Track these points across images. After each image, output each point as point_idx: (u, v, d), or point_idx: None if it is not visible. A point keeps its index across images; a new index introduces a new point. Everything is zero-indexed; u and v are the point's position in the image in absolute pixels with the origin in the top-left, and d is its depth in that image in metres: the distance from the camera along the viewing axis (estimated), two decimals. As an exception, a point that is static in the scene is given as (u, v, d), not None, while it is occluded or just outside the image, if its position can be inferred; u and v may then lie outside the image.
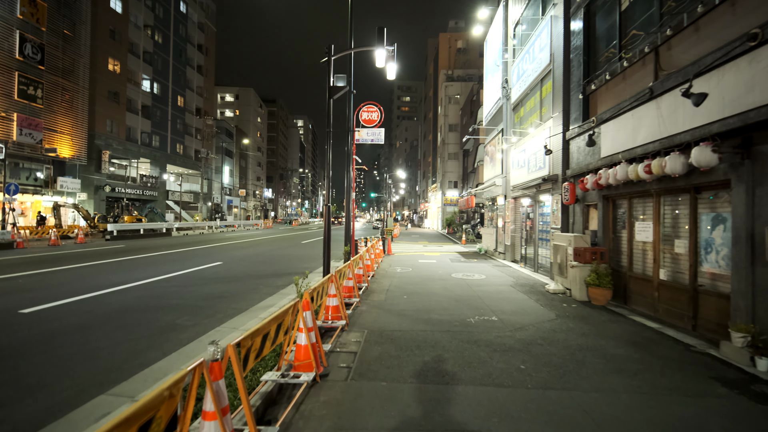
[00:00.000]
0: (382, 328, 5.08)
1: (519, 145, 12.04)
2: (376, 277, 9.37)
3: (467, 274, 9.85)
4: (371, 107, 10.22)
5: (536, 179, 9.99)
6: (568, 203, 7.85)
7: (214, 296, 7.25)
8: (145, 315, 5.90)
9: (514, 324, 5.27)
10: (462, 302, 6.63)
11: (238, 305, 6.58)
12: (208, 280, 8.83)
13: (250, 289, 7.99)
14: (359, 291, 7.44)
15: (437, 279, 9.12)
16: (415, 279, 9.13)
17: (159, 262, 11.62)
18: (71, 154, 28.16)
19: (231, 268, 10.74)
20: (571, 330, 5.00)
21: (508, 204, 13.25)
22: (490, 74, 16.15)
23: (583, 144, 7.64)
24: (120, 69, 33.61)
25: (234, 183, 58.22)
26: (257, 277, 9.49)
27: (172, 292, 7.57)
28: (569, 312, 5.93)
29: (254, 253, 15.05)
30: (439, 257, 14.11)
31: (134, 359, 4.14)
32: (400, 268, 10.99)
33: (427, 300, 6.81)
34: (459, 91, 39.13)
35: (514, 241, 12.83)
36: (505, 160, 13.61)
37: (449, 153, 39.71)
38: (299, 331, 3.51)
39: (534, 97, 10.89)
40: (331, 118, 7.79)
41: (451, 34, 44.23)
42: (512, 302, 6.65)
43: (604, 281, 6.23)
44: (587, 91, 7.72)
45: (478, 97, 26.03)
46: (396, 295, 7.29)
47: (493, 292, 7.57)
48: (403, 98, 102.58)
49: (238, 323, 5.43)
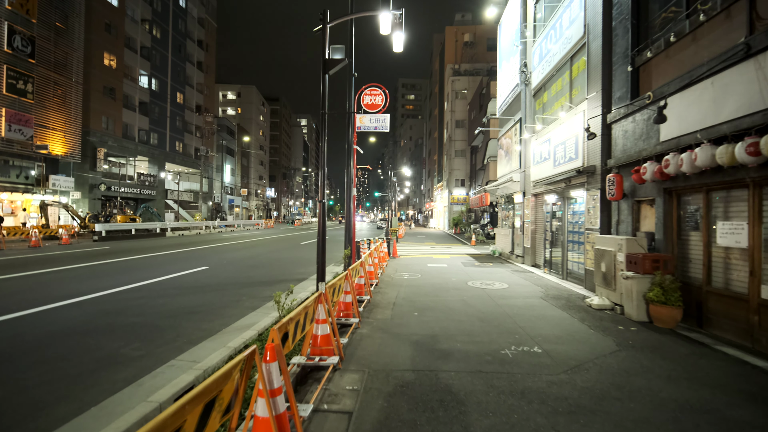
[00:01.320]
0: (388, 366, 3.76)
1: (541, 135, 10.66)
2: (381, 286, 8.05)
3: (486, 282, 8.49)
4: (375, 90, 8.90)
5: (566, 172, 8.61)
6: (613, 199, 6.47)
7: (185, 311, 5.97)
8: (86, 340, 4.63)
9: (566, 359, 3.92)
10: (488, 322, 5.28)
11: (210, 325, 5.29)
12: (184, 290, 7.56)
13: (230, 301, 6.70)
14: (360, 305, 6.13)
15: (452, 289, 7.78)
16: (426, 288, 7.80)
17: (138, 267, 10.39)
18: (64, 152, 27.13)
19: (216, 274, 9.47)
20: (648, 370, 3.65)
21: (527, 202, 11.87)
22: (504, 60, 14.76)
23: (634, 126, 6.27)
24: (116, 64, 32.59)
25: (236, 182, 57.19)
26: (244, 285, 8.20)
27: (136, 305, 6.31)
28: (632, 339, 4.57)
29: (247, 255, 13.80)
30: (450, 261, 12.76)
31: (22, 425, 2.86)
32: (408, 275, 9.67)
33: (444, 318, 5.47)
34: (466, 86, 37.68)
35: (535, 243, 11.45)
36: (523, 153, 12.23)
37: (456, 150, 38.27)
38: (258, 394, 2.20)
39: (561, 78, 9.51)
40: (326, 98, 6.48)
41: (458, 28, 42.73)
42: (552, 323, 5.29)
43: (672, 297, 4.86)
44: (637, 62, 6.34)
45: (488, 90, 24.64)
46: (404, 311, 5.96)
47: (522, 307, 6.21)
48: (407, 96, 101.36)
49: (200, 354, 4.14)
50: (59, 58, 26.84)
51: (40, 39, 25.08)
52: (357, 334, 4.74)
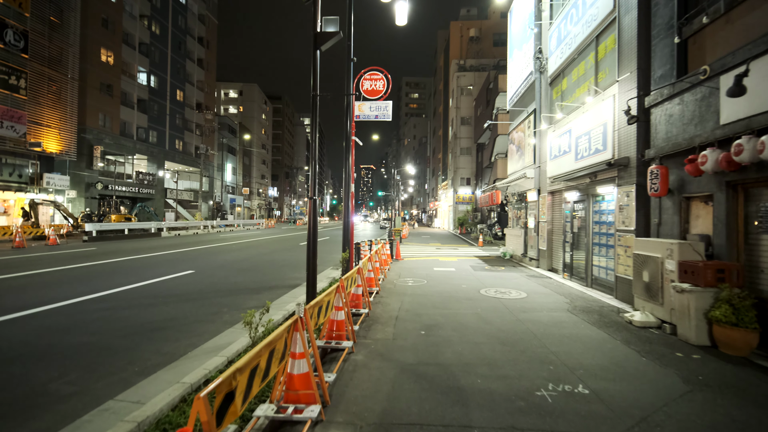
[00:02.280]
0: (389, 417, 2.81)
1: (560, 126, 9.65)
2: (382, 295, 7.10)
3: (500, 290, 7.51)
4: (375, 74, 7.95)
5: (591, 166, 7.61)
6: (656, 195, 5.47)
7: (150, 328, 5.06)
8: (12, 368, 3.73)
9: (626, 406, 2.95)
10: (511, 345, 4.32)
11: (174, 346, 4.38)
12: (160, 299, 6.66)
13: (208, 314, 5.78)
14: (357, 321, 5.18)
15: (463, 298, 6.81)
16: (434, 298, 6.84)
17: (118, 271, 9.52)
18: (59, 149, 26.43)
19: (200, 279, 8.57)
20: (747, 427, 2.67)
21: (542, 200, 10.86)
22: (516, 48, 13.74)
23: (682, 109, 5.27)
24: (113, 60, 31.90)
25: (237, 181, 56.49)
26: (228, 293, 7.29)
27: (95, 319, 5.41)
28: (700, 372, 3.58)
29: (240, 257, 12.90)
30: (458, 264, 11.78)
31: None
32: (412, 280, 8.71)
33: (457, 340, 4.51)
34: (472, 82, 36.60)
35: (552, 245, 10.44)
36: (538, 147, 11.22)
37: (461, 148, 37.21)
38: None
39: (584, 61, 8.50)
40: (318, 77, 5.56)
41: (463, 23, 41.60)
42: (590, 346, 4.32)
43: (746, 318, 3.87)
44: (686, 32, 5.34)
45: (495, 84, 23.61)
46: (409, 328, 5.01)
47: (549, 323, 5.23)
48: (411, 95, 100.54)
49: (148, 391, 3.22)
50: (54, 53, 26.14)
51: (33, 33, 24.38)
52: (350, 363, 3.80)
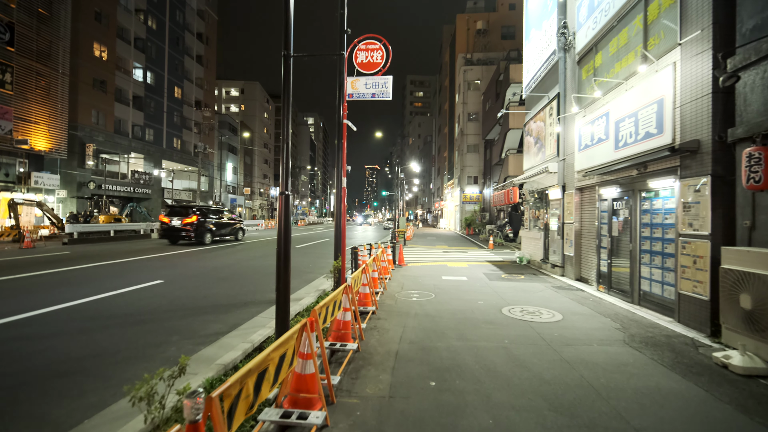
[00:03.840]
0: None
1: (593, 109, 8.15)
2: (379, 315, 5.66)
3: (527, 310, 6.04)
4: (372, 43, 6.53)
5: (639, 154, 6.13)
6: (756, 187, 3.95)
7: (57, 371, 3.67)
8: None
9: None
10: (567, 413, 2.85)
11: (64, 410, 2.97)
12: (100, 321, 5.29)
13: (148, 346, 4.39)
14: (342, 362, 3.75)
15: (482, 322, 5.35)
16: (445, 321, 5.38)
17: (75, 281, 8.19)
18: (48, 147, 25.32)
19: (165, 292, 7.19)
20: None
21: (569, 198, 9.36)
22: (533, 27, 12.23)
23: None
24: (107, 55, 30.80)
25: (238, 181, 55.38)
26: (190, 311, 5.89)
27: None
28: None
29: (224, 263, 11.53)
30: (469, 271, 10.32)
31: None
32: (417, 294, 7.26)
33: (484, 400, 3.05)
34: (479, 76, 35.03)
35: (581, 250, 8.94)
36: (563, 137, 9.72)
37: (469, 145, 35.65)
38: None
39: (627, 28, 6.99)
40: (291, 30, 4.14)
41: (470, 15, 40.00)
42: (687, 415, 2.84)
43: None
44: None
45: (506, 75, 22.07)
46: (413, 374, 3.56)
47: (608, 366, 3.75)
48: (415, 93, 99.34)
49: None
50: (42, 47, 25.04)
51: (20, 26, 23.29)
52: (318, 452, 2.36)
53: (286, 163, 4.28)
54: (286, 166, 4.28)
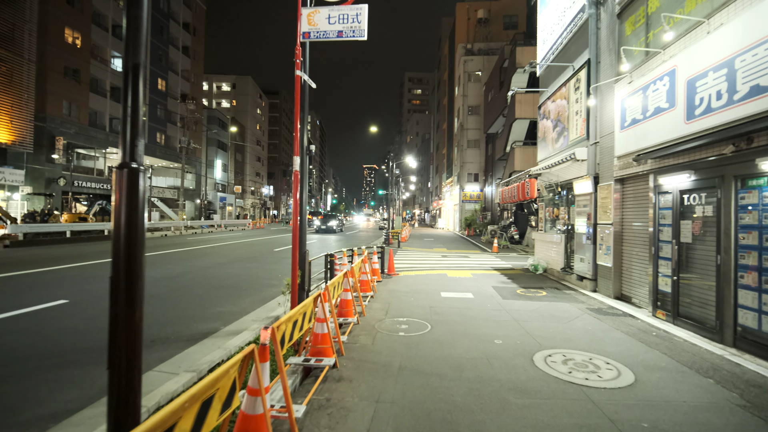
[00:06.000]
0: None
1: (646, 72, 6.05)
2: (342, 372, 3.53)
3: (573, 358, 3.94)
4: (338, -42, 4.40)
5: (741, 121, 4.05)
6: None
7: None
8: None
9: None
10: None
11: None
12: None
13: None
14: None
15: (509, 390, 3.23)
16: (447, 390, 3.26)
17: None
18: (11, 140, 23.08)
19: (61, 318, 5.04)
20: None
21: (604, 191, 7.26)
22: (553, -13, 10.13)
23: None
24: (81, 42, 28.53)
25: (228, 178, 53.13)
26: (68, 354, 3.75)
27: None
28: None
29: (179, 271, 9.39)
30: (475, 284, 8.20)
31: None
32: (406, 324, 5.13)
33: None
34: (480, 67, 32.91)
35: (622, 260, 6.84)
36: (596, 114, 7.62)
37: (469, 140, 33.54)
38: None
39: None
40: None
41: (470, 4, 37.85)
42: None
43: None
44: None
45: (512, 59, 19.97)
46: None
47: None
48: (414, 91, 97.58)
49: None
50: (4, 30, 22.80)
51: (-25, 5, 21.08)
52: None
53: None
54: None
